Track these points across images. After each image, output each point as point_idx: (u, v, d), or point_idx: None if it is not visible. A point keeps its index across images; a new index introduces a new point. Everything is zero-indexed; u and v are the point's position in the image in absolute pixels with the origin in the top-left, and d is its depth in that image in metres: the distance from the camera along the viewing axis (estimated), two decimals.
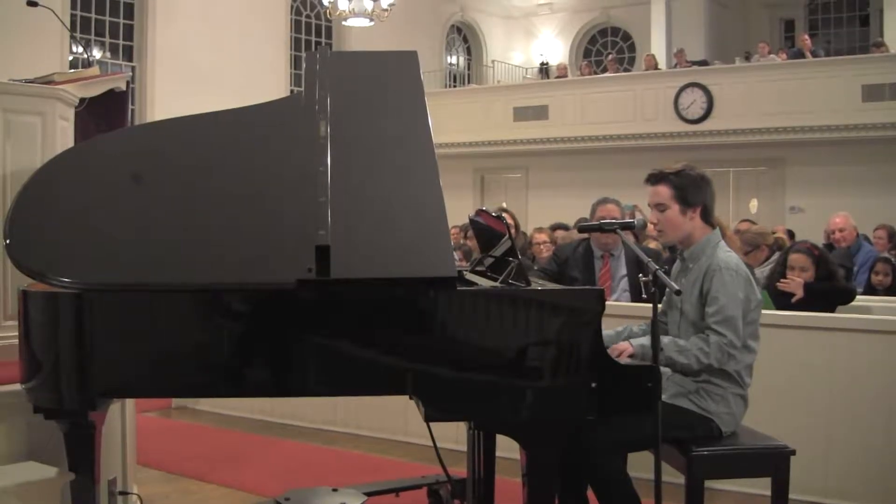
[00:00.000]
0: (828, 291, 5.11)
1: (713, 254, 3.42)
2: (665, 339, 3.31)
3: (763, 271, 5.81)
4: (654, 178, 3.51)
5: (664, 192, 3.47)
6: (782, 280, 5.18)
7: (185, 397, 6.39)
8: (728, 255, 3.42)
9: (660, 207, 3.49)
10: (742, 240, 6.25)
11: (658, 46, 17.67)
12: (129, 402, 4.03)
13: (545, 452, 2.91)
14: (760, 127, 14.36)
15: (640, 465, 3.53)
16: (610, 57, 18.53)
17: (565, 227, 8.50)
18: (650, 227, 4.35)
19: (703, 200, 3.47)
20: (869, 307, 5.35)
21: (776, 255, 6.13)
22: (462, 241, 7.85)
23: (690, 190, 3.46)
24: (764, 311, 3.60)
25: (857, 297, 6.18)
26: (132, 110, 13.44)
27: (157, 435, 5.75)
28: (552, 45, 21.78)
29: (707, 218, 3.49)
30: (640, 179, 3.57)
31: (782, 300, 5.14)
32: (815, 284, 5.10)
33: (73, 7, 13.30)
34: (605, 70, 18.30)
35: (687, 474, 3.30)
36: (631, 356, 3.29)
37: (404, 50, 3.53)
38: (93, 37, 13.83)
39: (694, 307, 3.40)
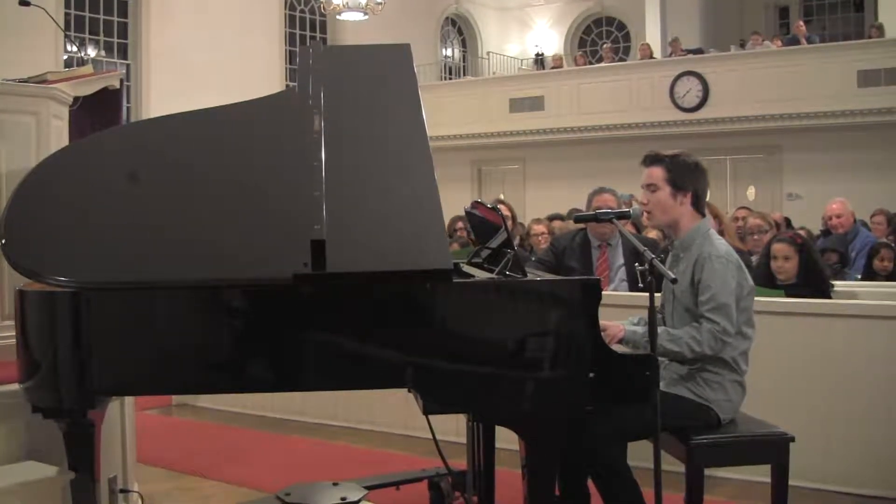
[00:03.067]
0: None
1: (703, 242, 3.42)
2: (658, 330, 3.30)
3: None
4: (650, 160, 3.52)
5: (657, 173, 3.47)
6: None
7: (184, 394, 6.39)
8: (718, 243, 3.42)
9: (651, 188, 3.49)
10: (750, 227, 6.25)
11: (653, 35, 17.65)
12: (129, 400, 4.02)
13: (544, 443, 2.92)
14: (757, 114, 14.36)
15: (639, 454, 3.53)
16: (605, 47, 18.50)
17: (562, 218, 8.50)
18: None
19: (694, 187, 3.47)
20: (867, 293, 5.34)
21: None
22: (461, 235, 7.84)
23: (683, 174, 3.46)
24: (762, 299, 3.59)
25: (856, 282, 6.19)
26: (127, 108, 13.42)
27: (157, 432, 5.76)
28: (547, 35, 21.76)
29: (697, 206, 3.49)
30: (637, 169, 3.58)
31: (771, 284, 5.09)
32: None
33: (67, 6, 13.27)
34: (600, 60, 18.28)
35: (687, 462, 3.30)
36: (621, 341, 3.29)
37: (397, 43, 3.52)
38: (87, 35, 13.81)
39: (686, 296, 3.40)
